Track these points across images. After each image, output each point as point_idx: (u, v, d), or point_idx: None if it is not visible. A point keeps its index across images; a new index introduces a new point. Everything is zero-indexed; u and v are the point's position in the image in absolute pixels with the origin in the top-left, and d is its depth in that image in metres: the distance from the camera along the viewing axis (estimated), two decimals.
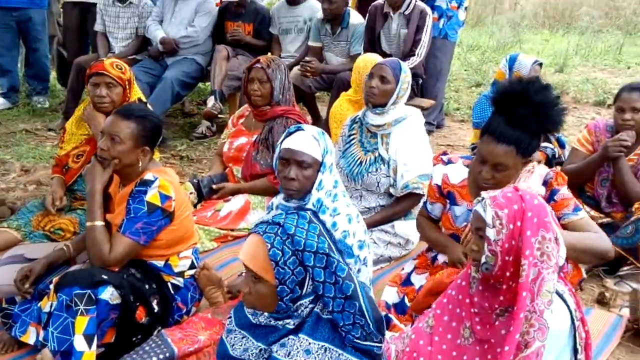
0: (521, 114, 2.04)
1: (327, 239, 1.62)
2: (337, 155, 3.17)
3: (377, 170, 2.95)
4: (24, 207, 3.00)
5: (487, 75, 7.02)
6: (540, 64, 3.56)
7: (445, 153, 2.50)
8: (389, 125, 2.92)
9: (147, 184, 2.18)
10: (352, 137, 3.12)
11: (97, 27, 5.19)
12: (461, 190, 2.34)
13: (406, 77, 2.93)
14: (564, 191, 2.18)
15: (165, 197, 2.19)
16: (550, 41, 9.62)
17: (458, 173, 2.37)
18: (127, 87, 2.90)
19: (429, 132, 5.04)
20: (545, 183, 2.18)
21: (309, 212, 1.66)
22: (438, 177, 2.41)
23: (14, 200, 3.37)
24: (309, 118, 5.11)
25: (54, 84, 6.20)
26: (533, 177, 2.16)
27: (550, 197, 2.15)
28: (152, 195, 2.17)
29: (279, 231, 1.57)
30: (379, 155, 2.96)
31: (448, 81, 6.14)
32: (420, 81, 4.74)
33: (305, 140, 2.07)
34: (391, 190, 2.96)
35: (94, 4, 5.25)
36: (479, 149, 2.16)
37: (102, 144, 2.18)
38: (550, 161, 3.33)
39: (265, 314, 1.66)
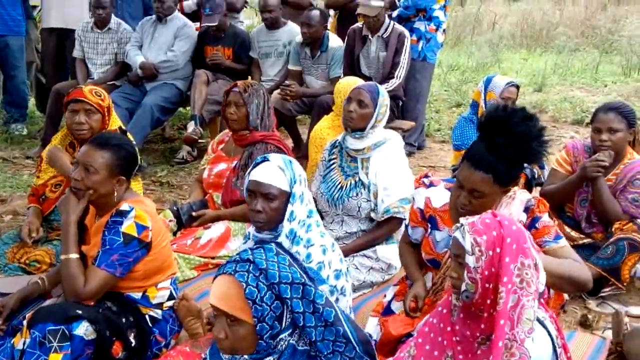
0: (501, 142, 2.01)
1: (298, 268, 1.60)
2: (318, 180, 3.16)
3: (357, 194, 2.94)
4: None
5: (467, 96, 7.08)
6: (516, 86, 3.58)
7: (426, 175, 2.47)
8: (368, 149, 2.92)
9: (123, 214, 2.14)
10: (332, 162, 3.11)
11: (76, 53, 5.16)
12: (443, 215, 2.32)
13: (384, 101, 2.94)
14: (546, 218, 2.17)
15: (141, 228, 2.15)
16: (529, 60, 9.75)
17: (440, 197, 2.34)
18: (106, 114, 2.89)
19: (410, 153, 5.07)
20: (527, 209, 2.16)
21: (272, 244, 1.64)
22: (420, 201, 2.38)
23: None
24: (290, 142, 5.11)
25: (32, 111, 6.14)
26: (514, 204, 2.14)
27: (531, 224, 2.13)
28: (128, 226, 2.13)
29: (250, 267, 1.54)
30: (359, 179, 2.95)
31: (428, 102, 6.18)
32: (401, 103, 4.78)
33: (271, 171, 2.04)
34: (372, 214, 2.94)
35: (73, 30, 5.24)
36: (457, 174, 2.15)
37: (76, 174, 2.14)
38: (530, 182, 3.34)
39: (245, 356, 1.61)
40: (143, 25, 5.14)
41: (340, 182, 3.02)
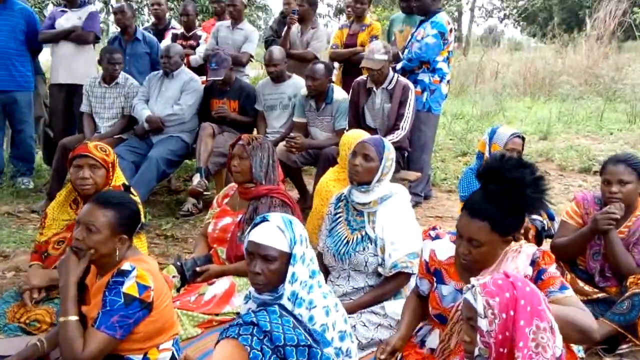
0: (496, 189, 2.01)
1: (302, 330, 1.54)
2: (324, 234, 3.12)
3: (364, 249, 2.89)
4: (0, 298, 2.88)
5: (473, 144, 7.09)
6: (521, 137, 3.57)
7: (434, 228, 2.45)
8: (374, 203, 2.89)
9: (124, 274, 2.10)
10: (338, 216, 3.07)
11: (83, 107, 5.22)
12: (448, 268, 2.28)
13: (390, 155, 2.92)
14: (552, 270, 2.11)
15: (143, 288, 2.10)
16: (533, 108, 9.80)
17: (445, 249, 2.31)
18: (111, 170, 2.87)
19: (417, 203, 5.04)
20: (533, 263, 2.11)
21: (275, 305, 1.58)
22: (426, 253, 2.37)
23: None
24: (295, 193, 5.08)
25: (39, 165, 6.17)
26: (520, 257, 2.09)
27: (537, 277, 2.08)
28: (129, 286, 2.08)
29: (254, 331, 1.49)
30: (366, 234, 2.90)
31: (434, 151, 6.18)
32: (406, 154, 4.77)
33: (270, 232, 2.01)
34: (379, 269, 2.88)
35: (80, 86, 5.32)
36: (457, 223, 2.14)
37: (77, 233, 2.11)
38: (540, 234, 3.28)
39: None
40: (150, 79, 5.21)
41: (346, 237, 2.98)
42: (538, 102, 10.50)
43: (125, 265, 2.11)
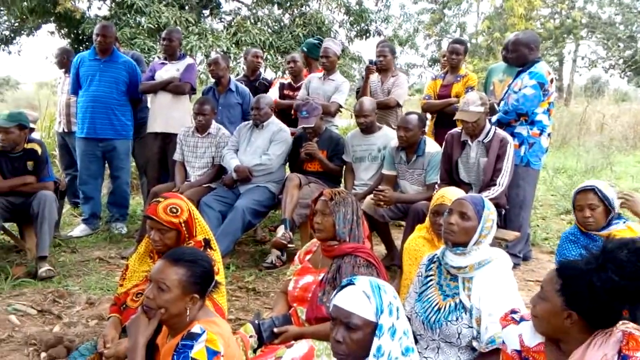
0: (606, 283, 1.74)
1: None
2: (413, 297, 2.85)
3: (457, 319, 2.58)
4: (76, 350, 2.84)
5: None
6: (596, 191, 3.20)
7: (514, 311, 2.19)
8: (471, 268, 2.59)
9: (194, 337, 1.96)
10: (429, 279, 2.80)
11: (176, 156, 5.33)
12: (537, 357, 1.97)
13: (490, 215, 2.63)
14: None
15: (212, 353, 1.95)
16: None
17: (533, 333, 2.02)
18: (183, 228, 2.75)
19: (515, 265, 4.61)
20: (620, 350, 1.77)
21: None
22: (513, 341, 2.08)
23: (73, 337, 3.24)
24: (382, 248, 4.85)
25: (134, 211, 6.35)
26: (609, 343, 1.77)
27: None
28: (198, 351, 1.94)
29: None
30: (460, 301, 2.60)
31: (534, 208, 5.75)
32: (503, 211, 4.42)
33: (355, 297, 1.83)
34: (474, 343, 2.56)
35: (175, 134, 5.45)
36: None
37: (148, 292, 2.01)
38: None
39: None
40: (240, 129, 5.24)
41: (438, 303, 2.69)
42: None
43: (195, 328, 1.98)
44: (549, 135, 5.02)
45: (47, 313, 3.69)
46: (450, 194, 3.20)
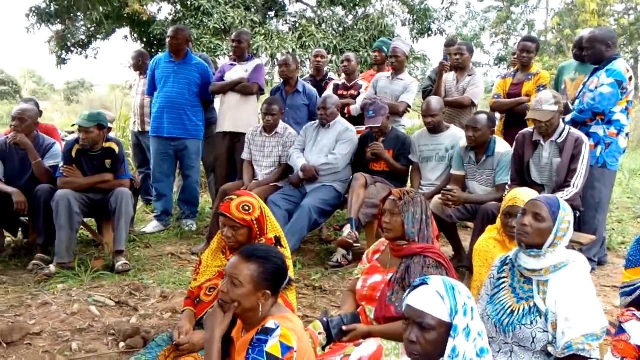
0: None
1: None
2: (485, 299, 2.80)
3: (532, 323, 2.52)
4: (152, 341, 2.95)
5: None
6: None
7: (630, 309, 2.13)
8: (546, 271, 2.52)
9: (268, 332, 2.00)
10: (502, 281, 2.74)
11: (244, 155, 5.45)
12: None
13: (566, 216, 2.55)
14: None
15: (286, 348, 1.99)
16: None
17: None
18: (255, 225, 2.81)
19: (590, 270, 4.45)
20: None
21: None
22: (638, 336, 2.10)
23: (149, 329, 3.37)
24: (449, 249, 4.78)
25: (203, 208, 6.53)
26: None
27: None
28: (272, 346, 1.98)
29: None
30: (535, 305, 2.53)
31: (609, 211, 5.52)
32: (578, 214, 4.27)
33: (428, 297, 1.82)
34: (549, 349, 2.49)
35: (243, 134, 5.57)
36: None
37: (223, 286, 2.07)
38: None
39: None
40: (307, 129, 5.30)
41: (511, 306, 2.63)
42: None
43: (270, 323, 2.02)
44: (627, 135, 4.81)
45: (124, 305, 3.85)
46: (523, 195, 3.13)
